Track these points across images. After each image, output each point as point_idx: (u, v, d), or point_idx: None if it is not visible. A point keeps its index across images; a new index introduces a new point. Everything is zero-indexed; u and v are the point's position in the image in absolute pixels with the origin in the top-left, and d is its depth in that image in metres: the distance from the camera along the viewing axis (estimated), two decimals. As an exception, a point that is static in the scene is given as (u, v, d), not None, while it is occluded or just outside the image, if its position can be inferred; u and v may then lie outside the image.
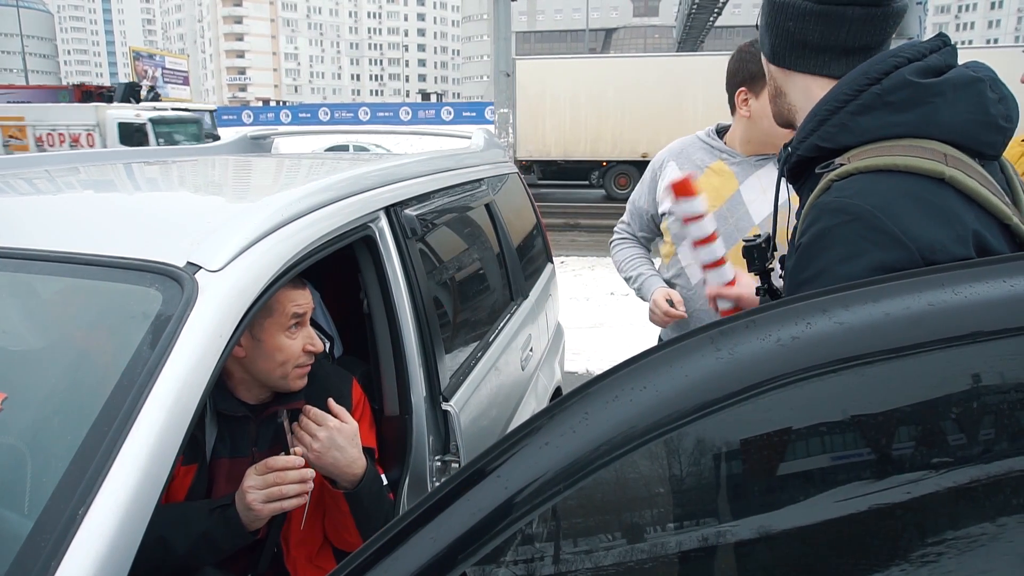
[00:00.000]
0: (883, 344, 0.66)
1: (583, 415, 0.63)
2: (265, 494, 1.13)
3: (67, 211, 1.20)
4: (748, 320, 0.66)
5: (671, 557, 0.65)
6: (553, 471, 0.60)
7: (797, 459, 0.67)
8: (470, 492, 0.61)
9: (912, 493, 0.68)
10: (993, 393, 0.70)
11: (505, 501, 0.60)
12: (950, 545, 0.69)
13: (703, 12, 24.11)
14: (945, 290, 0.69)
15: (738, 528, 0.65)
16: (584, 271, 8.58)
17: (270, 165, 1.84)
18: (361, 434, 1.38)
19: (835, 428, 0.68)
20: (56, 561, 0.65)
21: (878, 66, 0.86)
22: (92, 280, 0.93)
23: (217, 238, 1.00)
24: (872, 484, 0.68)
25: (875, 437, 0.68)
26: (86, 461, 0.72)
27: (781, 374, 0.64)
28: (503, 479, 0.61)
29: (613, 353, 5.36)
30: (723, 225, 1.78)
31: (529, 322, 2.32)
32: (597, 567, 0.63)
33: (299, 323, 1.29)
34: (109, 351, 0.88)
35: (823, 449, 0.67)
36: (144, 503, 0.73)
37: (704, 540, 0.64)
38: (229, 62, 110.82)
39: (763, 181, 1.77)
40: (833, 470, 0.68)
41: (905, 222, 0.77)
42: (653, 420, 0.62)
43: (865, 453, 0.69)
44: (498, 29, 9.12)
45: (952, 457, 0.70)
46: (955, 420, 0.70)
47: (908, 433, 0.69)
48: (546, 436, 0.62)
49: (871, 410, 0.68)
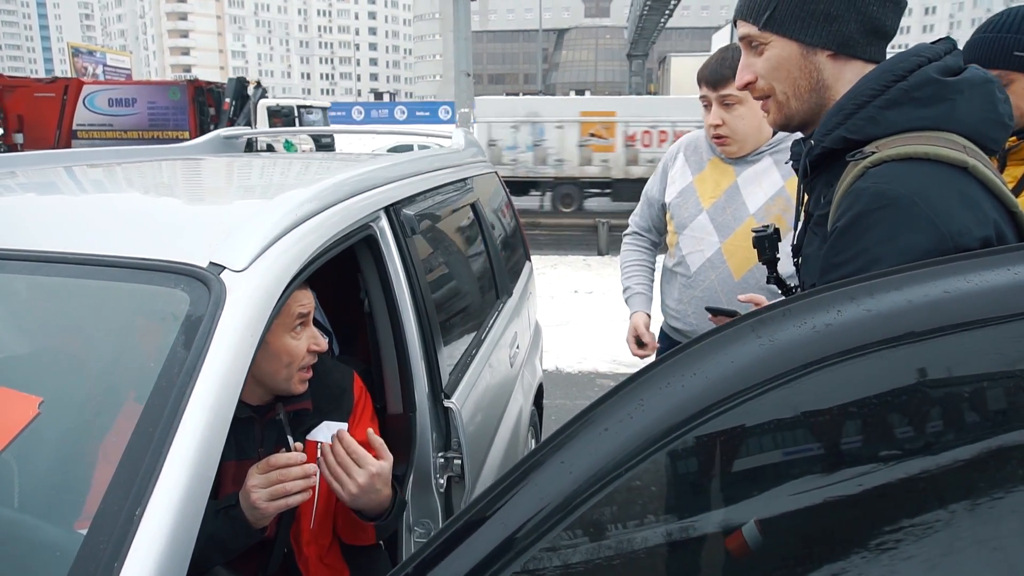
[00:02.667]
0: (907, 328, 0.71)
1: (639, 402, 0.66)
2: (269, 492, 1.12)
3: (74, 212, 1.17)
4: (785, 309, 0.71)
5: (720, 535, 0.69)
6: (614, 455, 0.63)
7: (833, 438, 0.71)
8: (534, 477, 0.63)
9: (930, 466, 0.74)
10: (1003, 376, 0.76)
11: (569, 485, 0.63)
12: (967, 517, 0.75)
13: (654, 14, 24.54)
14: (958, 278, 0.75)
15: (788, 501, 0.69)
16: (547, 269, 8.65)
17: (266, 165, 1.82)
18: (364, 426, 1.39)
19: (864, 408, 0.72)
20: (119, 562, 0.65)
21: (902, 64, 0.92)
22: (115, 282, 0.92)
23: (237, 238, 1.00)
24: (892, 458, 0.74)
25: (902, 415, 0.73)
26: (135, 462, 0.72)
27: (817, 359, 0.69)
28: (567, 464, 0.64)
29: (581, 351, 5.43)
30: (720, 216, 1.88)
31: (514, 319, 2.35)
32: (653, 548, 0.67)
33: (303, 323, 1.29)
34: (141, 353, 0.87)
35: (856, 429, 0.72)
36: (197, 501, 0.73)
37: (753, 514, 0.68)
38: (174, 60, 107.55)
39: (758, 173, 1.86)
40: (858, 449, 0.73)
41: (937, 207, 0.83)
42: (704, 404, 0.66)
43: (887, 432, 0.74)
44: (458, 29, 9.12)
45: (963, 430, 0.76)
46: (968, 399, 0.76)
47: (928, 412, 0.75)
48: (604, 423, 0.65)
49: (898, 389, 0.73)
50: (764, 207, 1.83)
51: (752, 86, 1.03)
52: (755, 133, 1.84)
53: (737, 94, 1.77)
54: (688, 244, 1.92)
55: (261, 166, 1.81)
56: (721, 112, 1.82)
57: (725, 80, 1.78)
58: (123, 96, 15.54)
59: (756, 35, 1.00)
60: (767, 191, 1.84)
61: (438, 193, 1.87)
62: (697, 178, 1.95)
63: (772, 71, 1.00)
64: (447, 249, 1.93)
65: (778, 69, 0.99)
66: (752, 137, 1.84)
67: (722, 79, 1.79)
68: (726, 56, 1.79)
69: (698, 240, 1.91)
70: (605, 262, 9.37)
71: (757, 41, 1.00)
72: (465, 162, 2.32)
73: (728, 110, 1.81)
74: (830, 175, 0.97)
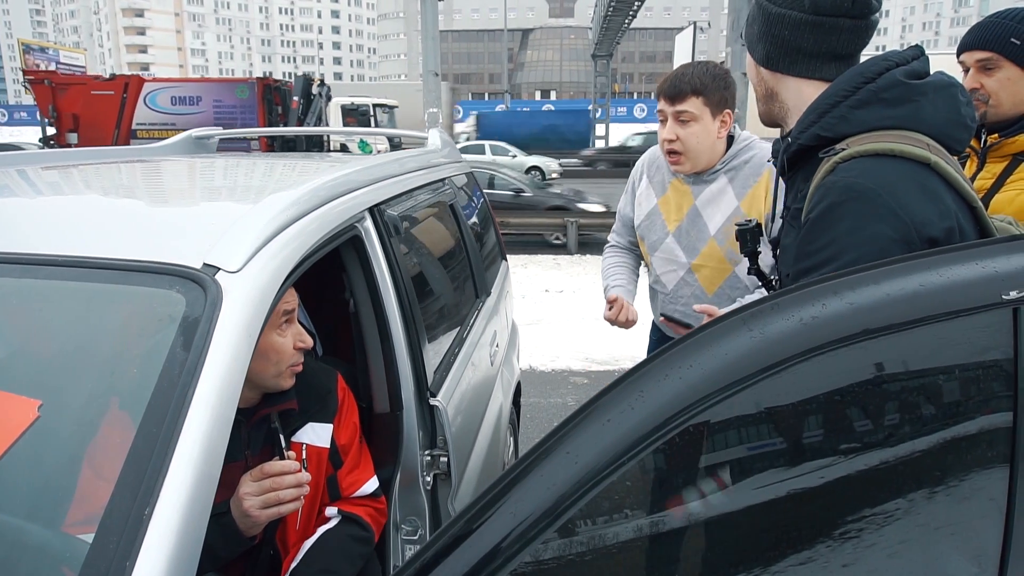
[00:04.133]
0: (886, 321, 0.76)
1: (639, 393, 0.69)
2: (262, 500, 1.12)
3: (64, 214, 1.16)
4: (774, 303, 0.74)
5: (718, 520, 0.72)
6: (617, 445, 0.66)
7: (820, 424, 0.75)
8: (542, 468, 0.66)
9: (907, 452, 0.79)
10: (973, 364, 0.81)
11: (576, 474, 0.65)
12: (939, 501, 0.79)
13: (618, 14, 24.73)
14: (931, 272, 0.79)
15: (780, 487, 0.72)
16: (517, 268, 8.69)
17: (250, 166, 1.81)
18: (348, 428, 1.39)
19: (849, 395, 0.77)
20: (131, 561, 0.65)
21: (872, 67, 0.98)
22: (109, 284, 0.91)
23: (230, 239, 1.00)
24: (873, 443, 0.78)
25: (878, 403, 0.78)
26: (140, 463, 0.73)
27: (805, 350, 0.72)
28: (572, 455, 0.66)
29: (554, 349, 5.47)
30: (685, 238, 1.93)
31: (493, 318, 2.37)
32: (655, 534, 0.70)
33: (288, 320, 1.29)
34: (138, 355, 0.87)
35: (842, 415, 0.76)
36: (203, 501, 0.73)
37: (750, 501, 0.71)
38: (131, 57, 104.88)
39: (715, 194, 1.89)
40: (842, 434, 0.78)
41: (902, 199, 0.89)
42: (700, 395, 0.69)
43: (868, 418, 0.79)
44: (425, 28, 9.10)
45: (935, 419, 0.81)
46: (940, 387, 0.81)
47: (904, 400, 0.79)
48: (607, 413, 0.68)
49: (875, 378, 0.77)
50: (723, 229, 1.87)
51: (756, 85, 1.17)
52: (708, 151, 1.84)
53: (692, 110, 1.78)
54: (661, 265, 1.98)
55: (249, 167, 1.80)
56: (676, 128, 1.81)
57: (683, 95, 1.78)
58: (187, 94, 14.90)
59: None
60: (724, 211, 1.87)
61: (419, 193, 1.89)
62: (661, 200, 1.98)
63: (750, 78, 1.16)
64: (429, 249, 1.94)
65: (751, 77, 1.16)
66: (705, 155, 1.85)
67: (679, 94, 1.79)
68: (686, 71, 1.80)
69: (669, 261, 1.97)
70: (575, 261, 9.45)
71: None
72: (443, 162, 2.34)
73: (683, 126, 1.81)
74: (806, 171, 1.03)
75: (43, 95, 14.24)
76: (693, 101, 1.78)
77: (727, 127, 1.84)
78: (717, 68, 1.81)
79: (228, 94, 15.07)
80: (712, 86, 1.78)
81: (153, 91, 14.69)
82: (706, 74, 1.78)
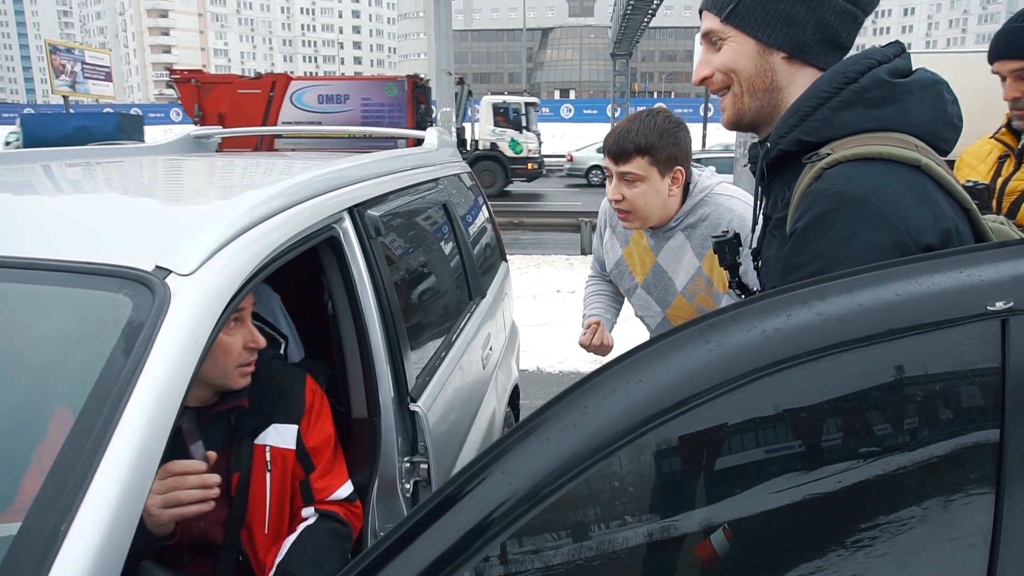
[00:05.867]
0: (857, 333, 0.70)
1: (582, 409, 0.64)
2: (163, 499, 1.06)
3: (22, 214, 1.14)
4: (735, 313, 0.69)
5: (667, 544, 0.67)
6: (557, 465, 0.62)
7: (779, 444, 0.70)
8: (476, 490, 0.62)
9: (881, 471, 0.73)
10: (954, 377, 0.75)
11: (511, 497, 0.61)
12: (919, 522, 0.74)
13: (638, 13, 24.55)
14: (910, 281, 0.74)
15: (730, 510, 0.67)
16: (530, 269, 8.65)
17: (228, 165, 1.79)
18: (318, 431, 1.36)
19: (815, 413, 0.71)
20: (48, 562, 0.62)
21: (853, 67, 0.92)
22: (55, 287, 0.89)
23: (186, 241, 0.98)
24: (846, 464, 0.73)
25: (851, 421, 0.72)
26: (64, 475, 0.70)
27: (767, 364, 0.67)
28: (507, 475, 0.62)
29: (562, 350, 5.42)
30: (655, 290, 1.88)
31: (488, 320, 2.33)
32: (598, 556, 0.65)
33: (239, 320, 1.25)
34: (79, 360, 0.84)
35: (804, 434, 0.70)
36: (129, 516, 0.70)
37: (699, 524, 0.67)
38: (155, 57, 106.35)
39: (674, 251, 1.80)
40: (811, 453, 0.72)
41: (894, 205, 0.83)
42: (649, 412, 0.64)
43: (841, 436, 0.73)
44: (439, 28, 9.05)
45: (917, 439, 0.75)
46: (919, 403, 0.75)
47: (880, 417, 0.74)
48: (547, 432, 0.63)
49: (847, 395, 0.72)
50: (688, 288, 1.80)
51: (709, 80, 1.03)
52: (659, 210, 1.71)
53: (638, 171, 1.64)
54: (639, 308, 1.96)
55: (223, 166, 1.78)
56: (622, 188, 1.68)
57: (628, 155, 1.64)
58: (334, 92, 14.52)
59: (717, 29, 1.01)
60: (687, 271, 1.78)
61: (406, 193, 1.85)
62: (625, 252, 1.92)
63: (729, 65, 1.00)
64: (416, 250, 1.90)
65: (735, 64, 1.00)
66: (656, 213, 1.72)
67: (624, 153, 1.65)
68: (631, 127, 1.66)
69: (645, 307, 1.93)
70: (588, 261, 9.38)
71: (717, 36, 1.01)
72: (437, 162, 2.30)
73: (629, 186, 1.67)
74: (787, 177, 0.97)
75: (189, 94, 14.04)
76: (638, 161, 1.64)
77: (679, 183, 1.70)
78: (666, 122, 1.66)
79: (376, 92, 14.63)
80: (659, 144, 1.63)
81: (300, 89, 14.50)
82: (652, 131, 1.63)
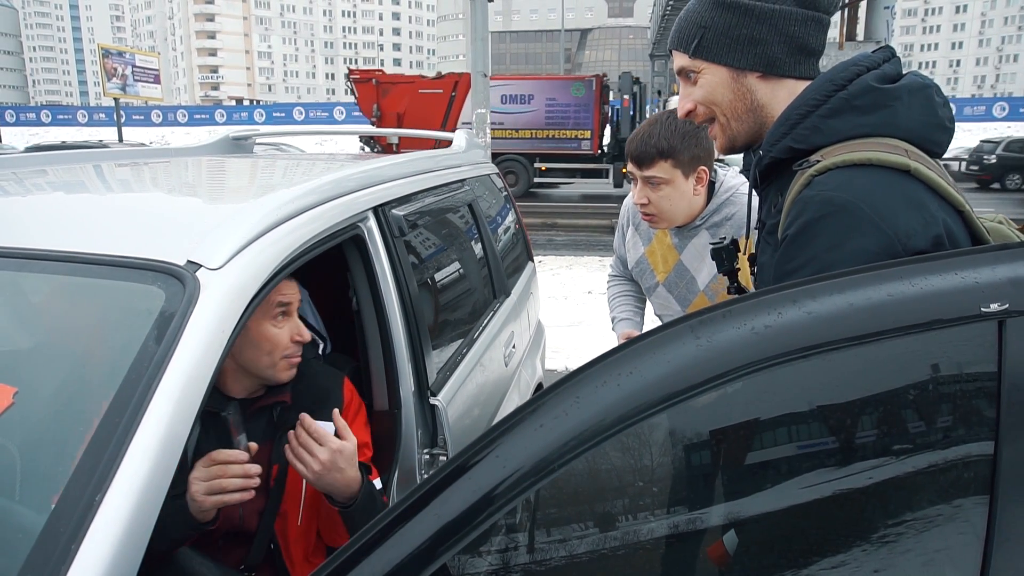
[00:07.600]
0: (847, 332, 0.72)
1: (574, 399, 0.68)
2: (207, 486, 1.12)
3: (66, 211, 1.22)
4: (725, 310, 0.72)
5: (652, 532, 0.70)
6: (548, 450, 0.65)
7: (766, 441, 0.72)
8: (471, 472, 0.65)
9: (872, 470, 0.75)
10: (948, 378, 0.76)
11: (504, 479, 0.65)
12: (909, 526, 0.75)
13: (676, 13, 24.43)
14: (903, 282, 0.75)
15: (712, 505, 0.70)
16: (562, 270, 8.66)
17: (260, 166, 1.87)
18: (356, 432, 1.41)
19: (804, 410, 0.73)
20: (76, 544, 0.68)
21: (842, 74, 0.93)
22: (94, 279, 0.96)
23: (215, 237, 1.04)
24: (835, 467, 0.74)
25: (840, 420, 0.74)
26: (100, 450, 0.76)
27: (756, 360, 0.70)
28: (501, 459, 0.66)
29: (592, 351, 5.43)
30: (676, 289, 1.88)
31: (511, 319, 2.37)
32: (584, 542, 0.69)
33: (285, 312, 1.31)
34: (115, 346, 0.91)
35: (793, 433, 0.73)
36: (156, 490, 0.76)
37: (683, 516, 0.69)
38: (201, 60, 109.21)
39: (699, 250, 1.81)
40: (801, 454, 0.74)
41: (883, 210, 0.85)
42: (638, 403, 0.67)
43: (830, 437, 0.75)
44: (475, 30, 9.17)
45: (909, 441, 0.76)
46: (911, 403, 0.77)
47: (871, 417, 0.75)
48: (540, 419, 0.67)
49: (837, 393, 0.74)
50: (711, 286, 1.81)
51: (694, 113, 1.06)
52: (685, 210, 1.74)
53: (662, 175, 1.67)
54: (658, 307, 1.96)
55: (257, 167, 1.86)
56: (647, 191, 1.70)
57: (651, 159, 1.66)
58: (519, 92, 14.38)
59: (688, 64, 1.04)
60: (711, 269, 1.77)
61: (431, 194, 1.90)
62: (647, 250, 1.93)
63: (708, 97, 1.03)
64: (439, 249, 1.96)
65: (713, 94, 1.03)
66: (682, 213, 1.74)
67: (646, 158, 1.66)
68: (652, 132, 1.67)
69: (665, 306, 1.93)
70: (621, 263, 9.35)
71: (690, 70, 1.04)
72: (464, 163, 2.35)
73: (654, 190, 1.69)
74: (780, 184, 0.99)
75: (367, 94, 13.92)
76: (662, 165, 1.66)
77: (704, 182, 1.72)
78: (687, 125, 1.65)
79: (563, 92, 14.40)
80: (681, 147, 1.65)
81: None
82: (674, 134, 1.65)
